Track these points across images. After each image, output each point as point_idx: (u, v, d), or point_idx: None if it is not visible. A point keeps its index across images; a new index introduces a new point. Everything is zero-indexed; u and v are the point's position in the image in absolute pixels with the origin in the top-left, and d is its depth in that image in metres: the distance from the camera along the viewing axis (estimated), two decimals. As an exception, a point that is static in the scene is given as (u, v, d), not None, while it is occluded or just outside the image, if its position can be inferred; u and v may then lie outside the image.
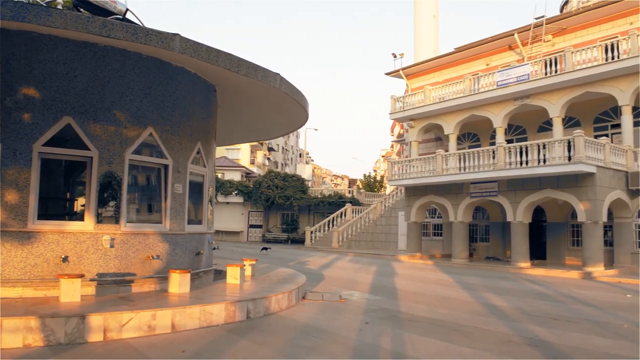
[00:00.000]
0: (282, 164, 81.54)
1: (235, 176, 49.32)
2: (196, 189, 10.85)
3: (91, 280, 8.61)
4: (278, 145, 79.65)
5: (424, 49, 40.51)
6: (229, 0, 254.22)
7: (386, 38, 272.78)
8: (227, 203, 41.79)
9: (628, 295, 13.20)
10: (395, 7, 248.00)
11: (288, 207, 40.47)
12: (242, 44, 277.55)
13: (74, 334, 6.64)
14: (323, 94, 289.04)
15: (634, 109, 21.54)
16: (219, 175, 46.32)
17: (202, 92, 10.87)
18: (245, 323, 8.21)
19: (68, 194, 9.63)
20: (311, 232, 34.18)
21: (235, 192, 41.77)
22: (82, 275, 8.11)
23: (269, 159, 73.85)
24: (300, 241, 36.93)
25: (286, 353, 6.50)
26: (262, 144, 68.51)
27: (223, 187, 41.46)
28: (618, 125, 22.41)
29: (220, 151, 55.58)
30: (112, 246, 8.85)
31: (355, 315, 9.28)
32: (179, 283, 9.12)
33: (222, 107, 12.41)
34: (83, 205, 8.86)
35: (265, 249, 26.94)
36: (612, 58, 20.92)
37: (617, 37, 22.64)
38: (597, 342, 7.52)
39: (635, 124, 21.89)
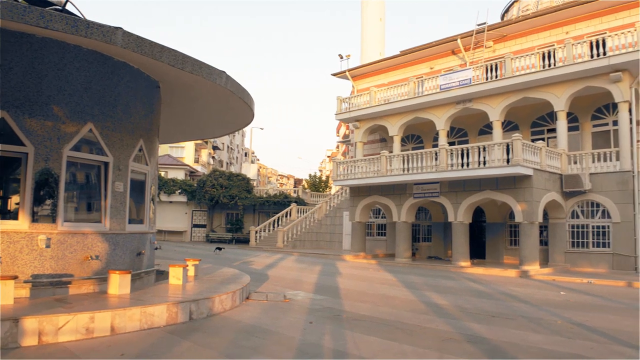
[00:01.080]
0: (227, 163, 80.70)
1: (179, 175, 48.47)
2: (138, 188, 10.59)
3: (25, 282, 8.26)
4: (223, 144, 78.78)
5: (371, 51, 41.02)
6: (172, 0, 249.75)
7: (333, 39, 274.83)
8: (170, 202, 41.01)
9: (562, 293, 13.76)
10: (343, 8, 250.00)
11: (233, 207, 40.08)
12: (185, 45, 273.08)
13: (7, 338, 6.35)
14: (269, 93, 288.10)
15: (569, 114, 22.50)
16: (162, 174, 45.41)
17: (145, 88, 10.62)
18: (187, 324, 8.07)
19: (1, 192, 9.21)
20: (256, 232, 33.98)
21: (179, 191, 41.04)
22: (15, 277, 7.76)
23: (213, 157, 72.94)
24: (245, 241, 36.67)
25: (229, 354, 6.43)
26: (207, 142, 67.60)
27: (166, 185, 40.66)
28: (554, 130, 23.36)
29: (163, 149, 54.52)
30: (48, 246, 8.51)
31: (300, 315, 9.28)
32: (119, 284, 8.87)
33: (166, 104, 12.17)
34: (17, 204, 8.49)
35: (219, 248, 27.21)
36: (549, 65, 21.78)
37: (553, 45, 23.60)
38: (532, 338, 7.80)
39: (570, 129, 22.88)
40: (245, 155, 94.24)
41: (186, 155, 63.31)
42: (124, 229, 9.88)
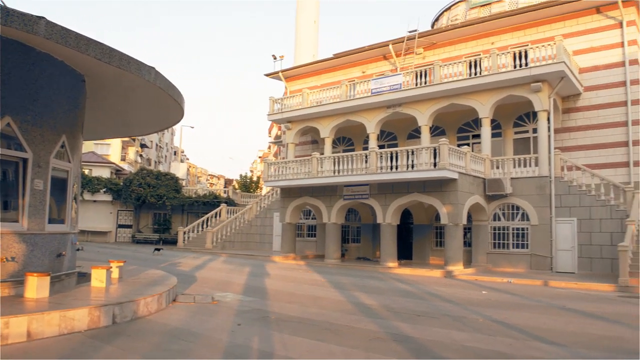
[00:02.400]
0: (155, 162, 78.68)
1: (104, 173, 46.74)
2: (59, 186, 10.12)
3: None
4: (152, 142, 76.76)
5: (304, 53, 41.20)
6: (99, 1, 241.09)
7: (268, 40, 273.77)
8: (95, 201, 39.47)
9: (483, 292, 14.30)
10: (278, 9, 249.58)
11: (160, 207, 39.06)
12: (119, 45, 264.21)
13: None
14: (201, 91, 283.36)
15: (493, 121, 23.44)
16: (86, 172, 43.61)
17: (70, 81, 10.17)
18: (111, 328, 7.80)
19: None
20: (184, 233, 33.28)
21: (104, 189, 39.55)
22: None
23: (141, 155, 70.91)
24: (173, 242, 35.82)
25: (154, 358, 6.26)
26: (134, 140, 65.64)
27: (90, 184, 39.08)
28: (478, 136, 24.27)
29: (88, 146, 52.46)
30: (-42, 246, 7.99)
31: (228, 317, 9.17)
32: (36, 287, 8.44)
33: (91, 99, 11.70)
34: None
35: (158, 249, 26.68)
36: (475, 74, 22.60)
37: (480, 54, 24.52)
38: (456, 336, 8.06)
39: (493, 135, 23.83)
40: (175, 154, 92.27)
41: (112, 153, 61.21)
42: (44, 229, 9.42)
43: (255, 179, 61.00)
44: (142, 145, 71.50)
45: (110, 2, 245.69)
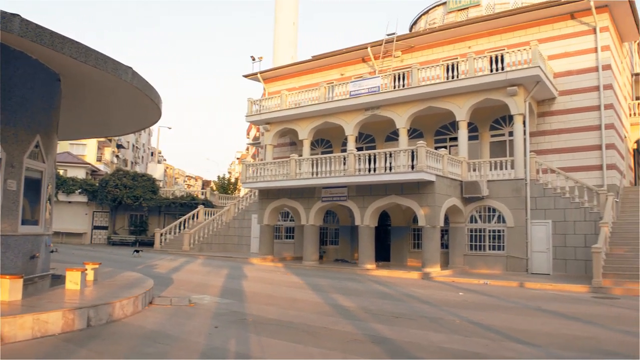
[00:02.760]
0: (132, 163, 77.81)
1: (80, 173, 46.02)
2: (33, 186, 9.94)
3: None
4: (128, 142, 75.90)
5: (283, 55, 41.14)
6: (77, 2, 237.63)
7: (246, 41, 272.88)
8: (70, 202, 38.86)
9: (460, 293, 14.43)
10: (256, 11, 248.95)
11: (137, 208, 38.61)
12: (97, 45, 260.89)
13: None
14: (180, 92, 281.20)
15: (469, 124, 23.68)
16: (61, 172, 42.91)
17: (44, 80, 10.00)
18: (85, 332, 7.68)
19: None
20: (161, 235, 32.97)
21: (79, 190, 38.95)
22: None
23: (117, 156, 70.08)
24: (149, 244, 35.44)
25: (130, 361, 6.19)
26: (110, 140, 64.82)
27: (65, 184, 38.47)
28: (455, 139, 24.49)
29: (63, 146, 51.66)
30: None
31: (205, 320, 9.11)
32: (9, 290, 8.28)
33: (67, 99, 11.52)
34: None
35: (137, 251, 26.62)
36: (452, 77, 22.82)
37: (457, 58, 24.74)
38: (433, 337, 8.12)
39: (470, 138, 24.09)
40: (152, 155, 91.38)
41: (88, 153, 60.32)
42: (17, 230, 9.23)
43: (233, 180, 60.63)
44: (119, 146, 70.67)
45: (84, 3, 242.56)
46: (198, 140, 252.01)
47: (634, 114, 27.85)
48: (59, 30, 8.82)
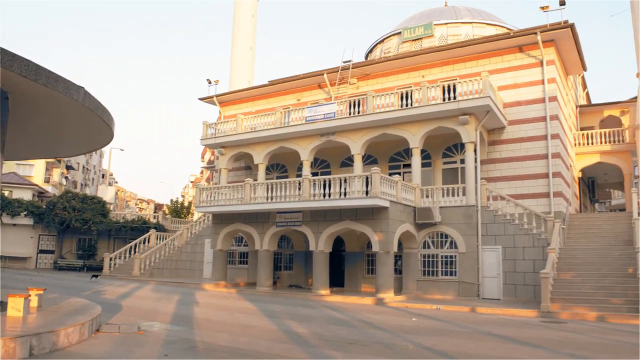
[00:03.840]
0: (82, 184, 75.67)
1: (26, 195, 44.39)
2: (-26, 208, 9.50)
3: None
4: (79, 163, 73.89)
5: (240, 79, 41.22)
6: (29, 19, 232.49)
7: (203, 63, 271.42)
8: (14, 225, 37.39)
9: (413, 319, 14.49)
10: (214, 33, 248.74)
11: (86, 232, 37.46)
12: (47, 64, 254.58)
13: None
14: (133, 113, 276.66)
15: (423, 151, 24.12)
16: (6, 193, 41.39)
17: (-10, 98, 9.65)
18: (25, 360, 7.32)
19: None
20: (110, 259, 32.01)
21: (25, 212, 37.53)
22: None
23: (67, 178, 68.05)
24: (98, 268, 34.36)
25: (73, 391, 5.91)
26: (60, 161, 62.94)
27: (10, 206, 37.04)
28: (409, 165, 24.88)
29: (9, 166, 49.91)
30: None
31: (154, 348, 8.83)
32: (-57, 316, 7.83)
33: (15, 118, 11.14)
34: None
35: (95, 276, 26.31)
36: (406, 105, 23.25)
37: (411, 87, 25.29)
38: (386, 364, 8.08)
39: (423, 165, 24.54)
40: (103, 177, 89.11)
41: (35, 174, 58.32)
42: (-46, 253, 8.78)
43: (186, 204, 59.73)
44: (68, 167, 68.69)
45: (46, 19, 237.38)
46: (151, 162, 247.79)
47: (579, 144, 28.98)
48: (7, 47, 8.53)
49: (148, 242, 33.77)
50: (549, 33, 23.56)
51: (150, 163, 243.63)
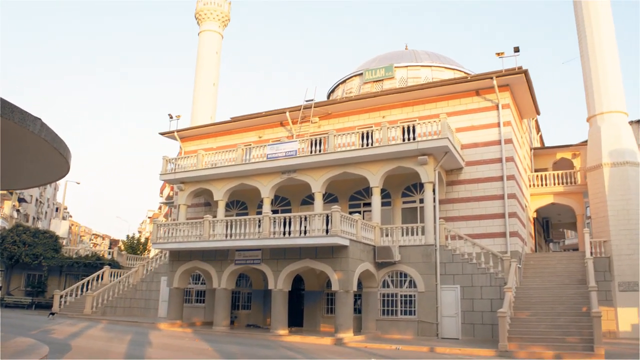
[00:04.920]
0: (34, 218, 73.33)
1: (-27, 229, 42.69)
2: None
3: None
4: (32, 196, 71.74)
5: (202, 114, 41.12)
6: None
7: (164, 97, 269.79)
8: (-42, 260, 35.75)
9: (372, 361, 14.35)
10: (177, 67, 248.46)
11: (36, 267, 36.06)
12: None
13: None
14: (90, 145, 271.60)
15: (383, 190, 24.37)
16: (-49, 227, 39.70)
17: (-62, 130, 9.30)
18: (-37, 408, 6.89)
19: None
20: (61, 297, 30.78)
21: (-30, 247, 35.98)
22: None
23: (18, 211, 65.86)
24: (47, 306, 32.98)
25: None
26: (12, 193, 60.99)
27: (-46, 240, 35.48)
28: (369, 204, 25.03)
29: (-44, 199, 47.99)
30: None
31: (104, 392, 8.45)
32: None
33: (-37, 149, 10.75)
34: None
35: (52, 314, 25.75)
36: (367, 145, 23.54)
37: (372, 127, 25.71)
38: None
39: (383, 204, 24.75)
40: (57, 211, 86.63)
41: (-16, 207, 56.32)
42: None
43: (143, 240, 58.36)
44: (21, 200, 66.58)
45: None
46: (108, 197, 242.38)
47: (534, 185, 29.79)
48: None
49: (101, 279, 32.72)
50: (504, 78, 24.42)
51: (107, 197, 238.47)
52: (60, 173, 13.67)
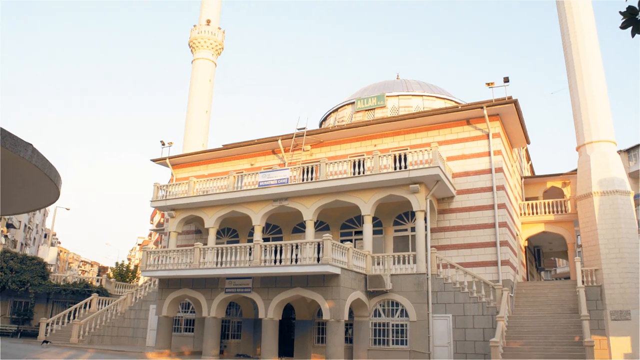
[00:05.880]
0: (22, 244, 72.51)
1: (-41, 255, 42.09)
2: None
3: None
4: (20, 222, 71.06)
5: (194, 141, 41.17)
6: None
7: (156, 123, 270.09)
8: (-57, 287, 35.14)
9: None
10: (171, 93, 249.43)
11: (23, 294, 35.50)
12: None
13: None
14: (81, 171, 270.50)
15: (374, 218, 24.34)
16: (-63, 253, 39.11)
17: None
18: None
19: None
20: (47, 325, 30.28)
21: (-44, 273, 35.43)
22: None
23: (6, 236, 65.13)
24: (33, 334, 32.41)
25: None
26: (0, 218, 60.41)
27: (-61, 266, 34.93)
28: (361, 232, 24.97)
29: (-57, 225, 47.44)
30: None
31: None
32: None
33: (-49, 176, 10.66)
34: None
35: (46, 342, 25.67)
36: (359, 173, 23.58)
37: (363, 155, 25.79)
38: None
39: (375, 232, 24.71)
40: (45, 237, 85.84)
41: (-28, 233, 55.70)
42: None
43: (132, 267, 57.79)
44: (9, 226, 65.93)
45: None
46: (98, 223, 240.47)
47: (524, 213, 29.90)
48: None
49: (89, 306, 32.27)
50: (494, 107, 24.69)
51: (97, 224, 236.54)
52: (50, 199, 13.53)
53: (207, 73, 44.51)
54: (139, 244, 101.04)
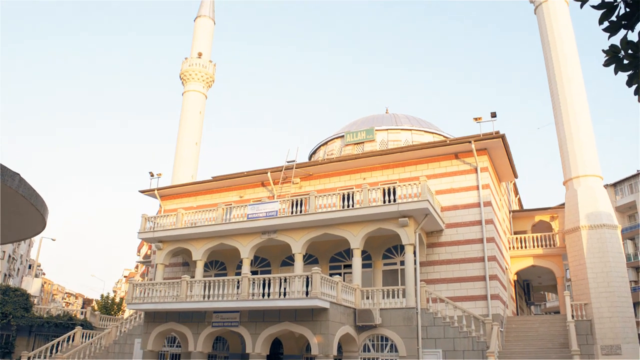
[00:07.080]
0: (5, 275, 71.30)
1: (-59, 287, 41.23)
2: None
3: None
4: (4, 252, 70.01)
5: (183, 173, 41.09)
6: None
7: (145, 154, 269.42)
8: None
9: None
10: (159, 125, 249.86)
11: (4, 327, 34.73)
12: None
13: None
14: (67, 201, 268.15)
15: (363, 252, 24.23)
16: None
17: None
18: None
19: None
20: (29, 358, 29.54)
21: (-64, 306, 34.68)
22: None
23: (-11, 268, 64.08)
24: (14, 369, 31.65)
25: None
26: (-17, 251, 59.51)
27: None
28: (350, 266, 24.82)
29: None
30: None
31: None
32: None
33: None
34: None
35: None
36: (348, 206, 23.57)
37: (353, 188, 25.84)
38: None
39: (364, 266, 24.56)
40: (30, 268, 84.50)
41: (-46, 264, 54.71)
42: None
43: (118, 300, 56.86)
44: (-8, 258, 64.92)
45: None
46: (84, 254, 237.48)
47: (513, 247, 29.95)
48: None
49: (72, 340, 31.56)
50: (482, 142, 24.92)
51: (83, 255, 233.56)
52: (35, 229, 13.37)
53: (198, 105, 44.71)
54: (125, 276, 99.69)
